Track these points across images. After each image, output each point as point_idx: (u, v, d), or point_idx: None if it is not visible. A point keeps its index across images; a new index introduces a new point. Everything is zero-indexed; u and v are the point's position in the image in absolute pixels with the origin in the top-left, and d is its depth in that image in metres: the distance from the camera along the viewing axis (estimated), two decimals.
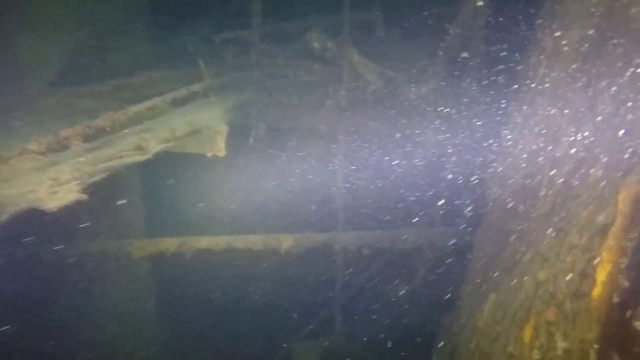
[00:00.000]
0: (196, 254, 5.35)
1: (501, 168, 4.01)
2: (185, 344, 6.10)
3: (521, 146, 3.64)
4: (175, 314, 5.85)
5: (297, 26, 5.73)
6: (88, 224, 4.73)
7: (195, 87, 4.65)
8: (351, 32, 4.97)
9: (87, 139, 3.40)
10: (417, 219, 5.50)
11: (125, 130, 3.50)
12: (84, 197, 2.93)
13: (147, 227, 5.49)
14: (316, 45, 5.04)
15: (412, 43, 5.08)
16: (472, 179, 5.01)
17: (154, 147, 3.52)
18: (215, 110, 4.73)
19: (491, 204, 4.08)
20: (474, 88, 4.88)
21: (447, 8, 5.05)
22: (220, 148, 4.66)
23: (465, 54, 4.99)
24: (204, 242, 5.38)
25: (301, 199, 5.39)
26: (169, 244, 5.29)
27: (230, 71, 5.53)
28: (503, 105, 4.52)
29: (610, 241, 1.83)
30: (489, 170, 4.31)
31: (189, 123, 4.20)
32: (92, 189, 3.06)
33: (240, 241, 5.40)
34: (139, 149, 3.33)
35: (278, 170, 5.40)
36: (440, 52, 4.96)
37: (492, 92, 4.75)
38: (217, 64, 5.71)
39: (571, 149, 3.01)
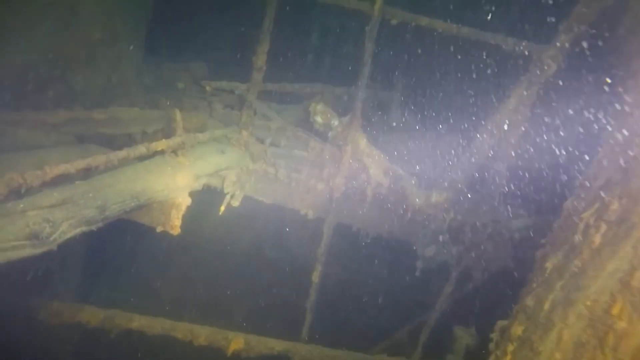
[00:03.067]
0: (123, 334, 4.39)
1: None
2: None
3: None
4: None
5: (303, 90, 4.89)
6: None
7: (161, 144, 3.74)
8: (363, 112, 4.13)
9: None
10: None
11: (27, 203, 2.54)
12: None
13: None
14: (319, 119, 4.18)
15: (433, 140, 4.21)
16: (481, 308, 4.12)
17: (64, 233, 2.58)
18: (180, 176, 3.83)
19: None
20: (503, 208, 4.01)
21: (478, 107, 4.24)
22: (173, 225, 3.75)
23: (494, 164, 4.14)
24: (137, 321, 4.43)
25: (263, 295, 4.45)
26: (90, 315, 4.34)
27: (216, 124, 4.66)
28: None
29: None
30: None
31: (134, 195, 3.28)
32: None
33: (180, 330, 4.44)
34: (34, 237, 2.40)
35: (244, 255, 4.46)
36: (465, 158, 4.10)
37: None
38: (205, 111, 4.87)
39: None
